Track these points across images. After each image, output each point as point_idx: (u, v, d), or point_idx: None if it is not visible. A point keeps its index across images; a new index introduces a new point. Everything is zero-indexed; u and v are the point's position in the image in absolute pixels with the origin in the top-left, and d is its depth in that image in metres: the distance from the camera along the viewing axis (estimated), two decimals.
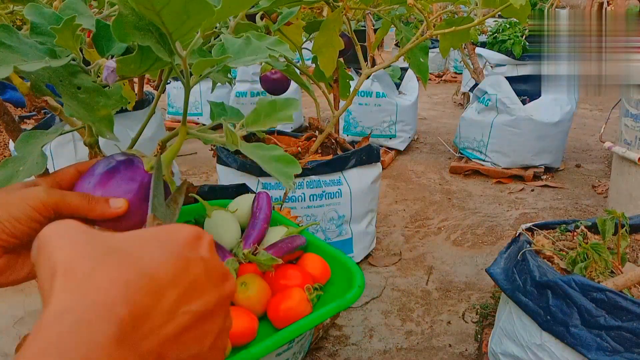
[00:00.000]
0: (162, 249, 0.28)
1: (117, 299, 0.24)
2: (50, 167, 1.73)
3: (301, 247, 0.90)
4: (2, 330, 1.44)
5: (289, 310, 0.75)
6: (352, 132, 3.04)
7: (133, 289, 0.25)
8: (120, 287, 0.25)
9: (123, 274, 0.25)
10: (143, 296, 0.25)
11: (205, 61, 0.52)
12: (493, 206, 2.36)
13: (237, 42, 0.60)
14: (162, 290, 0.26)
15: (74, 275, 0.25)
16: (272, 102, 0.64)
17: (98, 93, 0.57)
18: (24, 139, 0.60)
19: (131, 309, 0.24)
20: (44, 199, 0.44)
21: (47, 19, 0.57)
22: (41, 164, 0.59)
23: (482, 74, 3.05)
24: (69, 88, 0.56)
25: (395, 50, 5.38)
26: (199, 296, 0.28)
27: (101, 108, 0.58)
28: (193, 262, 0.28)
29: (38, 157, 0.59)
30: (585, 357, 0.83)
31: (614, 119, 2.19)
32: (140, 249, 0.28)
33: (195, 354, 0.27)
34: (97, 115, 0.58)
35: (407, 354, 1.38)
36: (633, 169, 1.86)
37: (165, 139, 0.71)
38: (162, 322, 0.26)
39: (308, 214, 1.58)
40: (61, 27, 0.50)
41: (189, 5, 0.45)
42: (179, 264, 0.28)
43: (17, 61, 0.50)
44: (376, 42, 1.96)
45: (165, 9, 0.45)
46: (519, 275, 0.99)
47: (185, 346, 0.27)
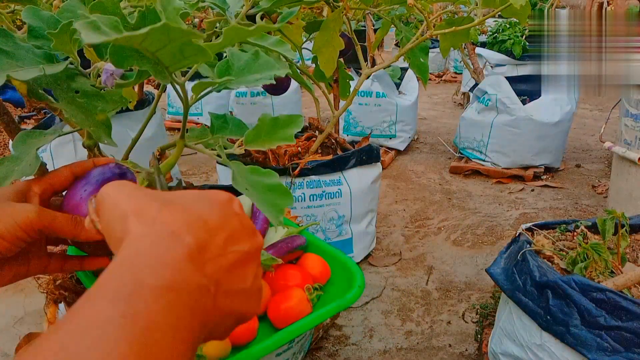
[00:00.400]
0: (209, 203, 0.34)
1: (183, 230, 0.30)
2: (50, 167, 1.73)
3: (301, 247, 0.90)
4: (2, 330, 1.44)
5: (289, 310, 0.75)
6: (352, 132, 3.04)
7: (193, 226, 0.31)
8: (184, 224, 0.31)
9: (184, 216, 0.31)
10: (202, 233, 0.31)
11: (204, 83, 0.50)
12: (493, 206, 2.36)
13: (243, 58, 0.56)
14: (214, 231, 0.32)
15: (145, 216, 0.31)
16: (275, 119, 0.62)
17: (96, 97, 0.56)
18: (22, 138, 0.60)
19: (195, 239, 0.30)
20: (34, 220, 0.45)
21: (45, 22, 0.56)
22: (34, 166, 0.57)
23: (482, 74, 3.06)
24: (67, 92, 0.55)
25: (395, 50, 5.38)
26: (238, 241, 0.33)
27: (99, 112, 0.57)
28: (231, 216, 0.34)
29: (32, 159, 0.58)
30: (585, 357, 0.83)
31: (614, 119, 2.20)
32: (191, 202, 0.33)
33: (240, 289, 0.33)
34: (95, 120, 0.57)
35: (407, 354, 1.38)
36: (633, 169, 1.86)
37: (165, 147, 0.71)
38: (218, 255, 0.31)
39: (308, 214, 1.58)
40: (58, 32, 0.50)
41: (184, 49, 0.44)
42: (222, 215, 0.33)
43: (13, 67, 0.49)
44: (376, 42, 1.96)
45: (161, 52, 0.44)
46: (519, 275, 0.99)
47: (234, 280, 0.32)
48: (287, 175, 1.49)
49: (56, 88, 0.55)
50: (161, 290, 0.26)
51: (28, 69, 0.50)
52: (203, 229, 0.31)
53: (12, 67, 0.49)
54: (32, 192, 0.50)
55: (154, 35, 0.39)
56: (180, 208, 0.32)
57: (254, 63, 0.56)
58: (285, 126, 0.62)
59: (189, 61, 0.46)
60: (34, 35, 0.56)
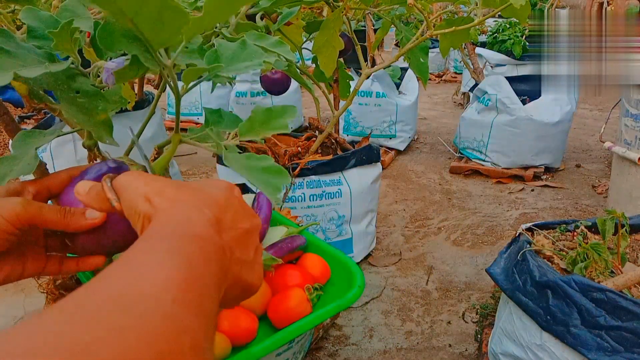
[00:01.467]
0: (216, 188, 0.40)
1: (203, 205, 0.36)
2: (50, 167, 1.73)
3: (301, 247, 0.90)
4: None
5: (289, 311, 0.75)
6: (352, 132, 3.04)
7: (208, 203, 0.37)
8: (201, 201, 0.37)
9: (198, 196, 0.37)
10: (215, 209, 0.37)
11: (194, 70, 0.50)
12: (493, 206, 2.36)
13: (231, 47, 0.57)
14: (224, 209, 0.37)
15: (166, 195, 0.36)
16: (268, 110, 0.62)
17: (97, 97, 0.56)
18: (21, 138, 0.59)
19: (212, 213, 0.36)
20: (20, 213, 0.45)
21: (45, 22, 0.56)
22: (33, 165, 0.57)
23: (482, 74, 3.05)
24: (68, 92, 0.55)
25: (395, 50, 5.38)
26: (242, 220, 0.39)
27: (100, 112, 0.57)
28: (233, 199, 0.40)
29: (31, 158, 0.58)
30: (585, 357, 0.83)
31: (614, 119, 2.20)
32: (201, 185, 0.39)
33: (245, 260, 0.38)
34: (96, 119, 0.57)
35: (407, 354, 1.38)
36: (633, 169, 1.86)
37: (162, 145, 0.71)
38: (229, 227, 0.37)
39: (308, 214, 1.58)
40: (59, 31, 0.50)
41: (163, 13, 0.43)
42: (227, 197, 0.39)
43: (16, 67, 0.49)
44: (376, 42, 1.96)
45: (138, 16, 0.43)
46: (519, 275, 0.99)
47: (241, 250, 0.38)
48: None
49: (56, 89, 0.55)
50: (194, 237, 0.33)
51: (32, 68, 0.50)
52: (216, 205, 0.37)
53: (15, 67, 0.49)
54: (26, 191, 0.49)
55: None
56: (194, 190, 0.38)
57: (242, 52, 0.57)
58: (278, 116, 0.62)
59: (169, 30, 0.46)
60: (33, 35, 0.56)
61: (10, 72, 0.47)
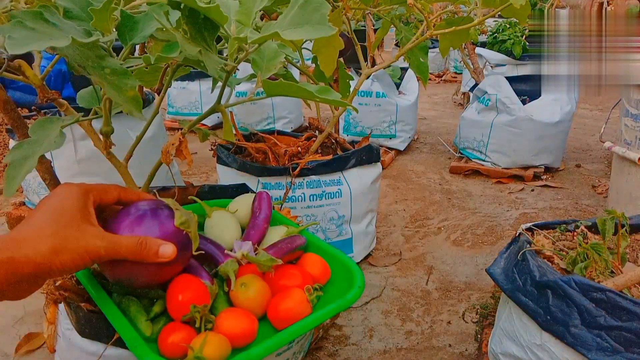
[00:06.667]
0: None
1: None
2: None
3: (301, 247, 0.90)
4: (2, 330, 1.44)
5: (289, 311, 0.75)
6: (352, 132, 3.04)
7: None
8: None
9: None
10: None
11: (265, 36, 0.57)
12: (493, 206, 2.36)
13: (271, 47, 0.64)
14: None
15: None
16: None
17: (125, 75, 0.61)
18: (39, 124, 0.67)
19: None
20: (101, 253, 0.54)
21: (78, 4, 0.63)
22: (59, 142, 0.66)
23: (482, 74, 3.05)
24: (99, 70, 0.60)
25: (395, 50, 5.38)
26: None
27: (129, 89, 0.62)
28: None
29: (56, 136, 0.66)
30: (585, 357, 0.82)
31: (614, 119, 2.20)
32: None
33: None
34: (126, 95, 0.62)
35: (407, 354, 1.38)
36: (633, 169, 1.86)
37: (182, 134, 0.72)
38: None
39: (308, 214, 1.58)
40: (100, 9, 0.55)
41: None
42: None
43: (63, 37, 0.53)
44: (376, 42, 1.96)
45: None
46: (519, 275, 0.99)
47: None
48: (287, 175, 1.49)
49: (88, 65, 0.60)
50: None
51: (59, 39, 0.53)
52: None
53: (63, 37, 0.53)
54: (90, 201, 0.58)
55: None
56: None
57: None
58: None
59: None
60: (69, 16, 0.62)
61: (68, 37, 0.52)
